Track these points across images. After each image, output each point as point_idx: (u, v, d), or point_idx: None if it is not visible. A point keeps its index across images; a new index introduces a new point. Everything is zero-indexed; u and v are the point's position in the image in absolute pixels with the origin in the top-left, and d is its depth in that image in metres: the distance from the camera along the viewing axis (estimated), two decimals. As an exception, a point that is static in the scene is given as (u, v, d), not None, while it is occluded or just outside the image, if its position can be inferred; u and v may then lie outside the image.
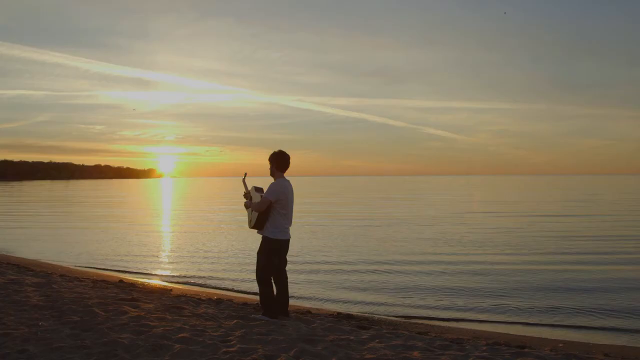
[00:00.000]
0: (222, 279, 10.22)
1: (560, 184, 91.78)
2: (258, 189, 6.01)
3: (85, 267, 11.70)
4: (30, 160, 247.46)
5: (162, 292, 8.26)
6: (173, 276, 10.68)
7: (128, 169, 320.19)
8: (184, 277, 10.51)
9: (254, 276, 6.10)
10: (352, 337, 5.16)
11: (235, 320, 5.79)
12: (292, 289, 6.60)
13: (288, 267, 6.16)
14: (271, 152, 6.09)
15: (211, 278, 10.30)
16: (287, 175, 6.10)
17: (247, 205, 6.02)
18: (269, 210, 5.83)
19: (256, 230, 5.95)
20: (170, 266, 12.02)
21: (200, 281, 10.04)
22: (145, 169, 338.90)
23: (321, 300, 8.44)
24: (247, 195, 6.04)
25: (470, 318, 7.35)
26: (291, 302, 6.39)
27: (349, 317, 6.79)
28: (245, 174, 6.18)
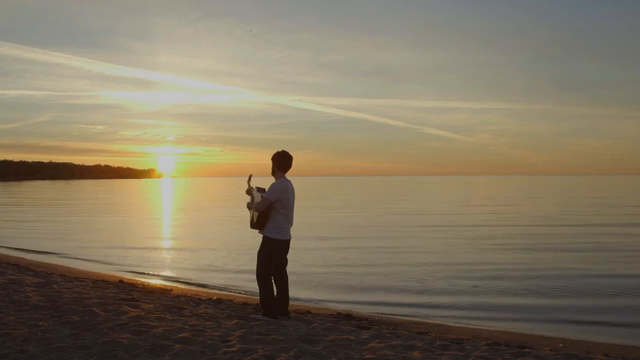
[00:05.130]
0: (222, 278, 10.21)
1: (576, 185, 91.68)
2: (260, 189, 6.02)
3: (86, 261, 11.71)
4: (30, 160, 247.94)
5: (162, 292, 8.25)
6: (173, 276, 10.67)
7: (128, 169, 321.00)
8: (184, 277, 10.50)
9: (254, 276, 6.10)
10: (352, 337, 5.16)
11: (235, 320, 5.79)
12: (292, 289, 6.59)
13: (288, 267, 6.16)
14: (272, 152, 6.10)
15: (211, 278, 10.28)
16: (288, 175, 6.10)
17: (249, 207, 6.03)
18: (269, 210, 5.83)
19: (257, 230, 5.96)
20: (170, 266, 12.01)
21: (200, 281, 10.03)
22: (145, 169, 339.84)
23: (321, 300, 8.43)
24: (249, 191, 6.04)
25: (470, 318, 7.35)
26: (291, 302, 6.39)
27: (349, 317, 6.79)
28: (251, 175, 6.18)
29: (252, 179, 6.17)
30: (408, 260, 12.17)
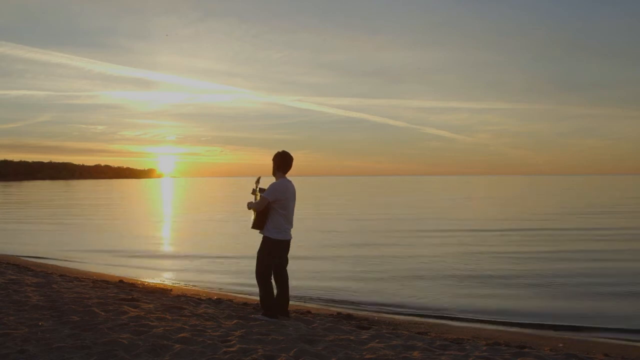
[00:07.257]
0: (222, 278, 10.21)
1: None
2: (262, 190, 6.02)
3: (85, 266, 11.71)
4: (30, 160, 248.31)
5: (162, 292, 8.25)
6: (173, 276, 10.67)
7: (128, 169, 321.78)
8: (184, 277, 10.51)
9: (254, 276, 6.09)
10: (352, 337, 5.16)
11: (235, 320, 5.79)
12: (292, 289, 6.59)
13: (289, 266, 6.16)
14: (272, 152, 6.10)
15: (211, 278, 10.28)
16: (288, 175, 6.09)
17: (249, 206, 6.01)
18: (268, 211, 5.83)
19: (257, 231, 5.95)
20: (170, 266, 12.01)
21: (200, 281, 10.03)
22: (145, 169, 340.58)
23: (321, 300, 8.43)
24: (254, 192, 6.04)
25: (470, 318, 7.35)
26: (291, 302, 6.39)
27: (349, 317, 6.79)
28: (259, 177, 6.13)
29: (260, 180, 6.14)
30: (408, 260, 12.17)
